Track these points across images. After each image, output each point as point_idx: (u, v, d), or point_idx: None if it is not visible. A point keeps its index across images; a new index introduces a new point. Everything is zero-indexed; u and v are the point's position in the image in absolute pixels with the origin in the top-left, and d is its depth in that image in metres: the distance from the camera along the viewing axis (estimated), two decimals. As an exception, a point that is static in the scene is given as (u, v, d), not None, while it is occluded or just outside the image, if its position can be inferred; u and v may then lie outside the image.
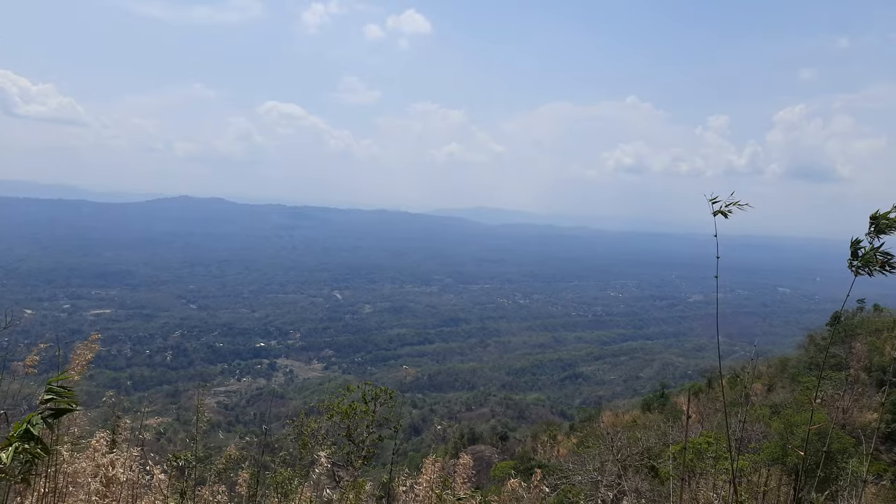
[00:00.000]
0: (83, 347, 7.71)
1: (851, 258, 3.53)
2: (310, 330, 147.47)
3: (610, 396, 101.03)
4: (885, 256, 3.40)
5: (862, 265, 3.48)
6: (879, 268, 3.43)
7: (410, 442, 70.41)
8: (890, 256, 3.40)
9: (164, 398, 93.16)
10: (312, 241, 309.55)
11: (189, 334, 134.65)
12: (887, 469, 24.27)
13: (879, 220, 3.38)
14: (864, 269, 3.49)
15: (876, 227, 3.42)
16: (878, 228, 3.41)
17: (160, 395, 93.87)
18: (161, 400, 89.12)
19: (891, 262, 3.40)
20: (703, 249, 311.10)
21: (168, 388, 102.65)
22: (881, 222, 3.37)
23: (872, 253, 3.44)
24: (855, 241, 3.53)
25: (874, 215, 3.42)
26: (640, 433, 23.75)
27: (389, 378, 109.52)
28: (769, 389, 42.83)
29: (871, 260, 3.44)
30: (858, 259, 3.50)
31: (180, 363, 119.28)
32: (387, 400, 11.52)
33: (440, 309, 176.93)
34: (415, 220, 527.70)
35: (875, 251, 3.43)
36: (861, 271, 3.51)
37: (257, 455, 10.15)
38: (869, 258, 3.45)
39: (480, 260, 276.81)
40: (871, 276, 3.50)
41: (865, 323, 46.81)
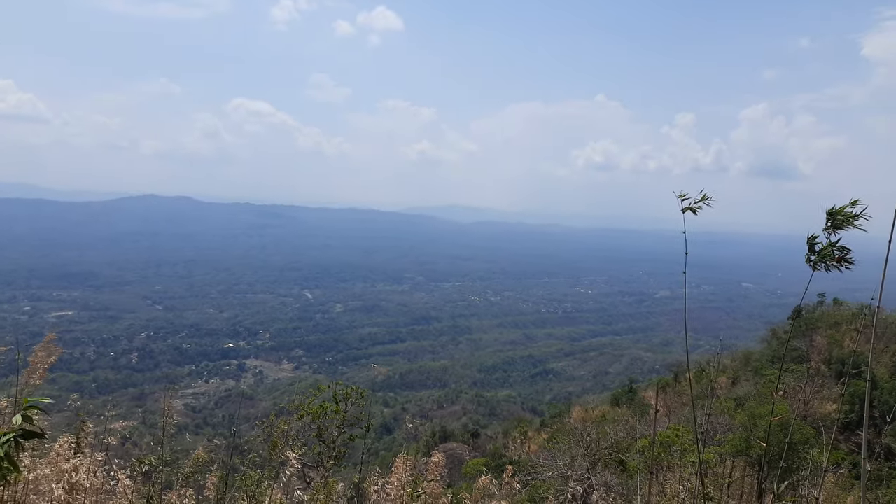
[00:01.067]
0: (42, 350, 7.49)
1: (809, 253, 3.60)
2: (280, 330, 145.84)
3: (580, 392, 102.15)
4: (841, 251, 3.48)
5: (819, 260, 3.56)
6: (836, 263, 3.51)
7: (382, 441, 70.24)
8: (846, 251, 3.48)
9: (130, 401, 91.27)
10: (282, 241, 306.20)
11: (155, 336, 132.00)
12: (845, 458, 25.05)
13: (836, 215, 3.46)
14: (821, 265, 3.56)
15: (833, 223, 3.49)
16: (835, 224, 3.48)
17: (125, 399, 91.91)
18: (126, 403, 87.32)
19: (847, 258, 3.48)
20: (670, 246, 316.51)
21: (134, 391, 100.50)
22: (837, 218, 3.45)
23: (829, 248, 3.52)
24: (812, 236, 3.61)
25: (830, 211, 3.49)
26: (609, 428, 24.06)
27: (361, 377, 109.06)
28: (734, 382, 43.79)
29: (828, 255, 3.51)
30: (816, 254, 3.57)
31: (146, 365, 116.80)
32: (358, 399, 11.46)
33: (412, 307, 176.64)
34: (386, 218, 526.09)
35: (832, 246, 3.51)
36: (818, 266, 3.59)
37: (226, 457, 9.99)
38: (826, 253, 3.52)
39: (452, 258, 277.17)
40: (827, 271, 3.57)
41: (825, 317, 48.19)
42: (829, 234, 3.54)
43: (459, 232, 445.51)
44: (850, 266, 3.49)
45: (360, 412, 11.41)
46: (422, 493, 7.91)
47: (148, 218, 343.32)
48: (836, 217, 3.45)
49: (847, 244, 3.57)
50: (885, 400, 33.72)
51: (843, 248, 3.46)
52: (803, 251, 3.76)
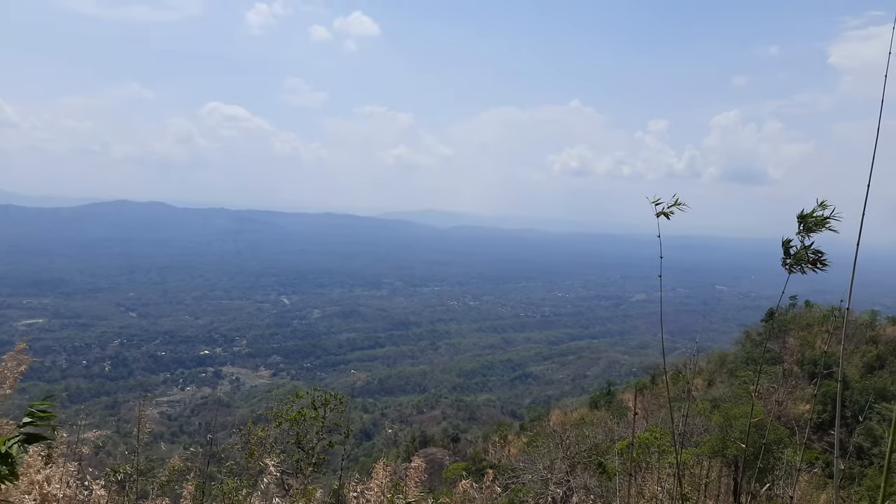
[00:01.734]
0: (12, 359, 7.32)
1: (784, 257, 3.69)
2: (256, 336, 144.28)
3: (559, 395, 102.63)
4: (815, 254, 3.57)
5: (794, 263, 3.64)
6: (810, 265, 3.59)
7: (361, 447, 69.74)
8: (820, 254, 3.57)
9: (103, 410, 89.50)
10: (258, 246, 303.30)
11: (129, 343, 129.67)
12: (819, 457, 25.53)
13: (807, 219, 3.54)
14: (797, 267, 3.65)
15: (805, 226, 3.58)
16: (807, 227, 3.57)
17: (98, 407, 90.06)
18: (99, 412, 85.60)
19: (821, 260, 3.56)
20: (646, 250, 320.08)
21: (107, 400, 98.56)
22: (809, 221, 3.54)
23: (803, 251, 3.60)
24: (786, 240, 3.69)
25: (801, 214, 3.58)
26: (587, 431, 24.21)
27: (339, 383, 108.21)
28: (709, 384, 44.41)
29: (803, 258, 3.60)
30: (791, 257, 3.65)
31: (120, 373, 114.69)
32: (337, 405, 11.39)
33: (390, 312, 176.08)
34: (363, 223, 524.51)
35: (806, 249, 3.59)
36: (793, 269, 3.67)
37: (202, 466, 9.85)
38: (800, 256, 3.61)
39: (430, 262, 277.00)
40: (803, 273, 3.66)
41: (797, 319, 49.18)
42: (802, 238, 3.63)
43: (437, 237, 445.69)
44: (823, 268, 3.58)
45: (339, 418, 11.34)
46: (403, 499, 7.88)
47: (120, 224, 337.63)
48: (807, 220, 3.54)
49: (817, 247, 3.65)
50: (855, 400, 34.50)
51: (817, 251, 3.55)
52: (775, 254, 3.83)
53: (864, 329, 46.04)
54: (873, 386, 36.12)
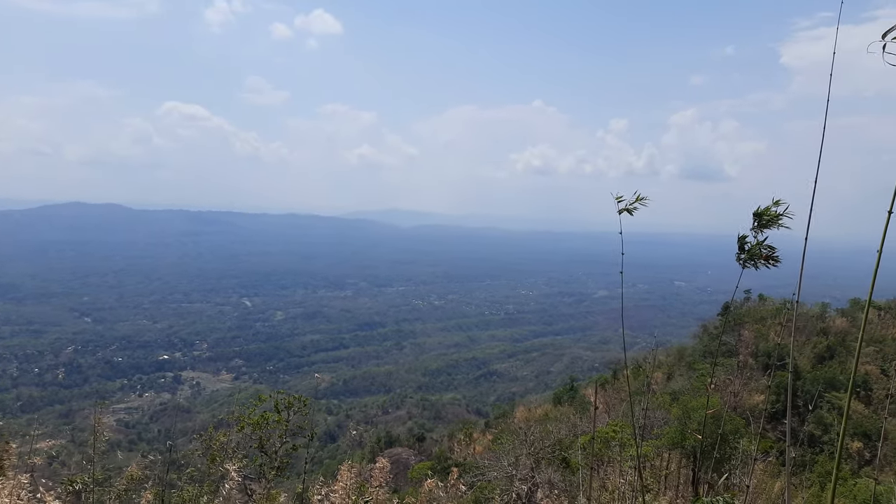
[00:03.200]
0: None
1: (739, 252, 3.79)
2: (217, 340, 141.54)
3: (523, 392, 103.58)
4: (768, 250, 3.68)
5: (748, 258, 3.76)
6: (764, 261, 3.71)
7: (326, 449, 69.15)
8: (773, 250, 3.69)
9: (57, 419, 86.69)
10: (219, 248, 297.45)
11: (83, 349, 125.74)
12: (773, 446, 26.34)
13: (762, 216, 3.66)
14: (751, 262, 3.76)
15: (759, 223, 3.69)
16: (762, 223, 3.69)
17: (52, 416, 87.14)
18: (53, 421, 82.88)
19: (773, 255, 3.68)
20: (607, 247, 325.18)
21: (61, 408, 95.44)
22: (763, 218, 3.65)
23: (757, 247, 3.71)
24: (742, 236, 3.80)
25: (757, 211, 3.69)
26: (551, 426, 24.48)
27: (303, 385, 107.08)
28: (669, 377, 45.40)
29: (757, 253, 3.71)
30: (745, 253, 3.76)
31: (74, 381, 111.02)
32: (300, 408, 11.25)
33: (355, 313, 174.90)
34: (327, 223, 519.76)
35: (760, 245, 3.71)
36: (748, 264, 3.79)
37: (162, 473, 9.62)
38: (754, 252, 3.72)
39: (395, 262, 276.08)
40: (756, 268, 3.77)
41: (752, 312, 50.64)
42: (757, 234, 3.74)
43: (401, 236, 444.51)
44: (776, 263, 3.69)
45: (303, 421, 11.20)
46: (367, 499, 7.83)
47: (75, 226, 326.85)
48: (762, 217, 3.65)
49: (774, 242, 3.77)
50: (807, 389, 35.72)
51: (770, 247, 3.67)
52: (731, 250, 3.94)
53: (815, 321, 47.68)
54: (823, 376, 37.45)
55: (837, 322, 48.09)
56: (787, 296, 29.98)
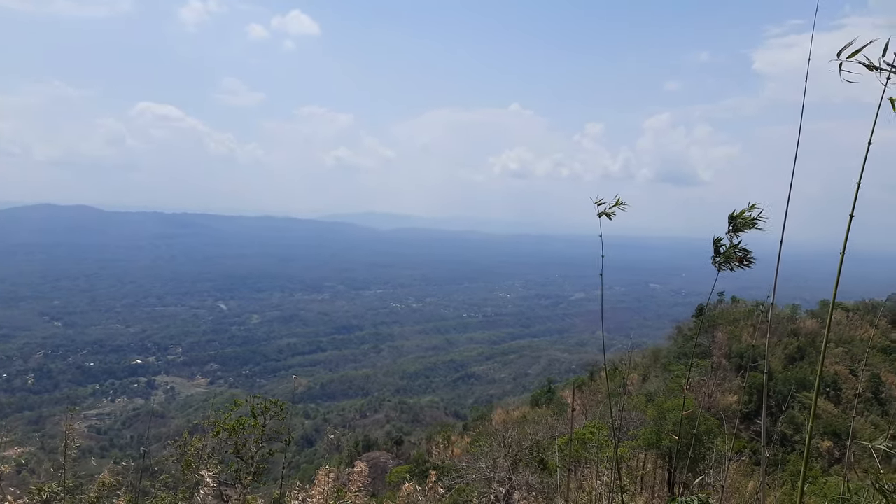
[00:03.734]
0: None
1: (714, 255, 3.87)
2: (192, 344, 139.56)
3: (501, 394, 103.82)
4: (743, 252, 3.77)
5: (723, 261, 3.83)
6: (738, 263, 3.79)
7: (303, 454, 68.56)
8: (747, 252, 3.77)
9: (26, 426, 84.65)
10: (193, 250, 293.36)
11: (54, 354, 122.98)
12: (746, 445, 26.77)
13: (737, 219, 3.75)
14: (726, 265, 3.84)
15: (734, 226, 3.78)
16: (737, 227, 3.77)
17: (20, 423, 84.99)
18: (22, 428, 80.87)
19: (748, 258, 3.77)
20: (584, 249, 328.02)
21: (30, 415, 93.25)
22: (738, 221, 3.74)
23: (732, 250, 3.79)
24: (717, 239, 3.87)
25: (732, 215, 3.78)
26: (529, 428, 24.57)
27: (280, 389, 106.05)
28: (644, 379, 45.87)
29: (732, 256, 3.79)
30: (720, 256, 3.84)
31: (44, 386, 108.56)
32: (277, 412, 11.14)
33: (332, 316, 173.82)
34: (303, 225, 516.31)
35: (734, 248, 3.79)
36: (723, 267, 3.86)
37: (135, 480, 9.44)
38: (729, 254, 3.80)
39: (372, 265, 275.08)
40: (731, 270, 3.85)
41: (725, 314, 51.45)
42: (731, 237, 3.82)
43: (379, 239, 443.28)
44: (750, 265, 3.77)
45: (279, 425, 11.09)
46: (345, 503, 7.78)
47: (45, 229, 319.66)
48: (737, 221, 3.73)
49: (746, 245, 3.85)
50: (779, 390, 36.37)
51: (745, 250, 3.75)
52: (705, 253, 4.01)
53: (786, 322, 48.62)
54: (795, 376, 38.20)
55: (808, 323, 49.09)
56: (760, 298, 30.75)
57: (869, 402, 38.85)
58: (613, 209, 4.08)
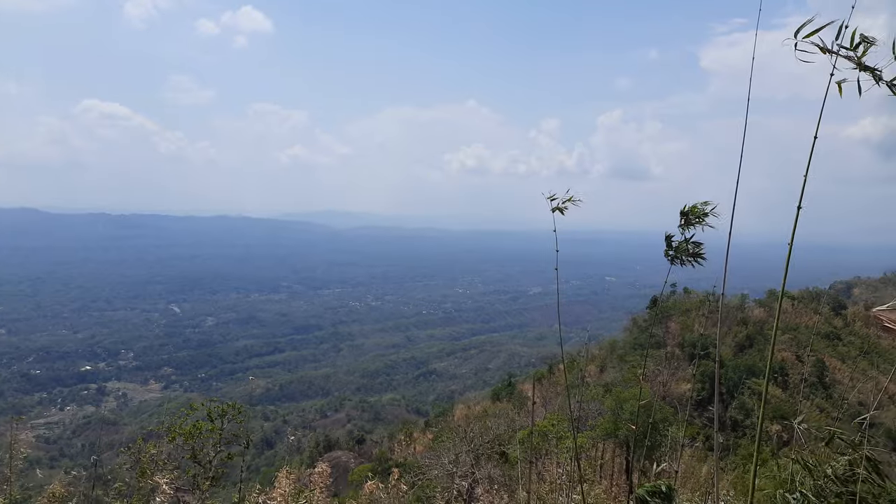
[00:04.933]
0: None
1: (667, 249, 3.96)
2: (144, 348, 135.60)
3: (462, 390, 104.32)
4: (694, 247, 3.86)
5: (675, 255, 3.93)
6: (689, 257, 3.89)
7: (263, 456, 67.49)
8: (698, 246, 3.87)
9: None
10: (144, 252, 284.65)
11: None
12: (700, 432, 27.61)
13: (688, 214, 3.84)
14: (677, 259, 3.94)
15: (686, 221, 3.87)
16: (688, 221, 3.86)
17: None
18: (-39, 441, 77.16)
19: (699, 253, 3.87)
20: (541, 244, 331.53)
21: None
22: (690, 216, 3.83)
23: (684, 244, 3.89)
24: (668, 235, 3.97)
25: (683, 210, 3.87)
26: (490, 422, 24.77)
27: (238, 392, 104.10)
28: (602, 370, 46.77)
29: (683, 250, 3.88)
30: (672, 249, 3.93)
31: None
32: (235, 415, 10.94)
33: (291, 316, 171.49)
34: (259, 225, 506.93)
35: (686, 242, 3.88)
36: (675, 261, 3.96)
37: (87, 490, 9.14)
38: (681, 249, 3.89)
39: (330, 264, 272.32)
40: (682, 265, 3.95)
41: (678, 305, 52.84)
42: (683, 231, 3.91)
43: (336, 238, 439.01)
44: (701, 261, 3.87)
45: (238, 429, 10.90)
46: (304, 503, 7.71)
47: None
48: (688, 215, 3.82)
49: (697, 237, 3.95)
50: (730, 377, 37.60)
51: (696, 244, 3.85)
52: (658, 246, 4.10)
53: (736, 311, 50.24)
54: (744, 363, 39.54)
55: (756, 312, 50.85)
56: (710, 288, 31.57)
57: (814, 386, 40.53)
58: (566, 204, 4.14)
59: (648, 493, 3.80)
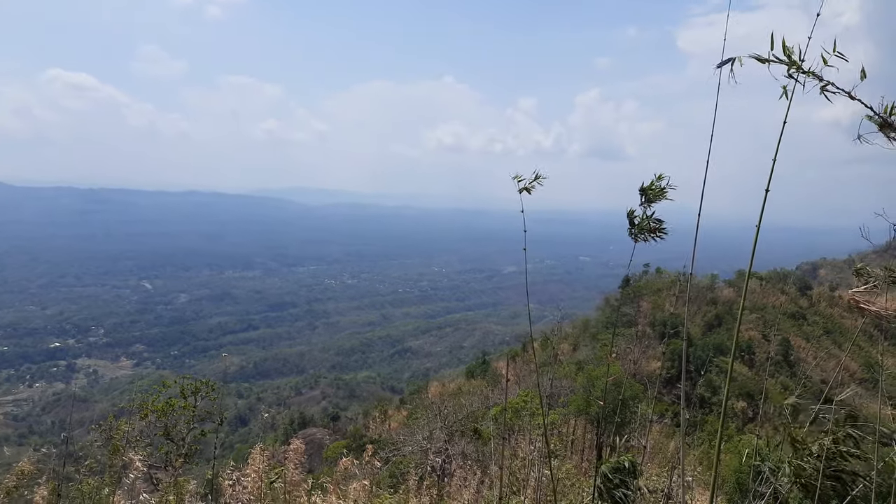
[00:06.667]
0: None
1: (630, 226, 4.02)
2: (115, 325, 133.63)
3: (437, 367, 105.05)
4: (656, 223, 3.93)
5: (638, 232, 3.99)
6: (651, 234, 3.95)
7: (237, 434, 67.40)
8: (660, 223, 3.93)
9: (-70, 416, 79.33)
10: (114, 227, 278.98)
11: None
12: (668, 409, 28.27)
13: (647, 191, 3.91)
14: (640, 236, 4.00)
15: (646, 198, 3.94)
16: (648, 199, 3.93)
17: (-76, 414, 79.59)
18: (-74, 419, 75.81)
19: (660, 228, 3.93)
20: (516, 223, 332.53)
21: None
22: (649, 192, 3.90)
23: (645, 221, 3.95)
24: (630, 211, 4.02)
25: (643, 187, 3.93)
26: (464, 399, 25.07)
27: (211, 369, 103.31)
28: (574, 348, 47.45)
29: (645, 227, 3.95)
30: (635, 227, 4.00)
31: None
32: (209, 392, 10.91)
33: (265, 293, 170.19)
34: (233, 201, 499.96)
35: (647, 219, 3.94)
36: (638, 238, 4.02)
37: (58, 467, 9.05)
38: (643, 226, 3.96)
39: (306, 241, 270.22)
40: (646, 241, 4.01)
41: (649, 284, 53.65)
42: (644, 209, 3.97)
43: (312, 214, 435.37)
44: (662, 236, 3.94)
45: (211, 406, 10.87)
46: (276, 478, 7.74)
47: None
48: (647, 192, 3.89)
49: (665, 218, 4.01)
50: (698, 355, 38.43)
51: (657, 220, 3.91)
52: (627, 226, 4.16)
53: (705, 291, 51.20)
54: (713, 342, 40.42)
55: (725, 292, 51.89)
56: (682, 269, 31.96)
57: (779, 364, 41.70)
58: (534, 184, 4.16)
59: (612, 469, 3.90)
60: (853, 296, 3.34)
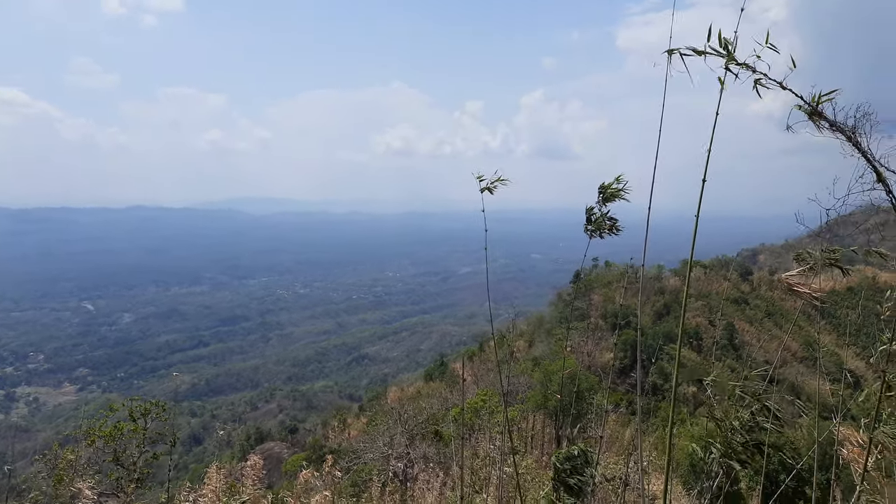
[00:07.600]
0: None
1: (586, 223, 4.17)
2: (56, 349, 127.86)
3: (395, 372, 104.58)
4: (611, 221, 4.10)
5: (594, 229, 4.15)
6: (608, 230, 4.12)
7: (192, 454, 65.45)
8: (615, 221, 4.10)
9: None
10: (51, 247, 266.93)
11: None
12: (623, 398, 28.90)
13: (605, 190, 4.07)
14: (597, 233, 4.16)
15: (604, 197, 4.11)
16: (605, 197, 4.11)
17: None
18: None
19: (616, 226, 4.10)
20: (468, 223, 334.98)
21: None
22: (607, 192, 4.07)
23: (602, 218, 4.11)
24: (589, 208, 4.17)
25: (602, 186, 4.09)
26: (424, 402, 25.03)
27: (161, 389, 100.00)
28: (530, 345, 48.05)
29: (602, 224, 4.11)
30: (591, 224, 4.15)
31: None
32: (159, 413, 10.54)
33: (215, 308, 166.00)
34: (177, 215, 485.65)
35: (604, 217, 4.11)
36: (594, 234, 4.17)
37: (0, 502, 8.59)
38: (599, 223, 4.11)
39: (255, 252, 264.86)
40: (602, 238, 4.16)
41: (600, 278, 54.86)
42: (601, 207, 4.14)
43: (260, 225, 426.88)
44: (618, 232, 4.10)
45: (163, 427, 10.50)
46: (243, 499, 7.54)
47: None
48: (605, 192, 4.05)
49: (616, 214, 4.19)
50: (649, 344, 39.45)
51: (612, 218, 4.09)
52: (580, 223, 4.29)
53: (653, 282, 52.69)
54: (662, 330, 41.61)
55: (671, 281, 53.50)
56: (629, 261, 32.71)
57: (725, 348, 43.25)
58: (495, 184, 4.22)
59: (563, 458, 3.96)
60: (787, 279, 3.49)
